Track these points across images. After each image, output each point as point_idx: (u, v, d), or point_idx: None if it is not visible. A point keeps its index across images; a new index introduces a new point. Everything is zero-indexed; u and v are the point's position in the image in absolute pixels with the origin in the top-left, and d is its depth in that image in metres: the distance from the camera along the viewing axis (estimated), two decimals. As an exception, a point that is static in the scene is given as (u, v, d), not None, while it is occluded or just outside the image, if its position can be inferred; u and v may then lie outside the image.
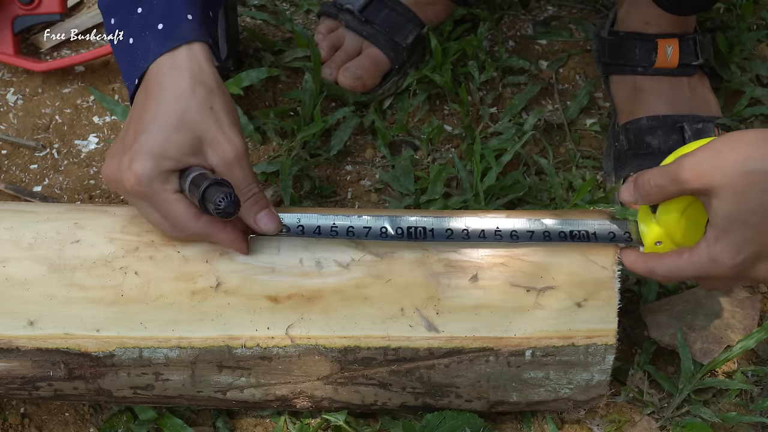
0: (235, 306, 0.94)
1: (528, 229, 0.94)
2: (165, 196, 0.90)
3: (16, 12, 1.35)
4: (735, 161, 0.81)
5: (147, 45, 0.92)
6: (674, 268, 0.89)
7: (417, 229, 0.94)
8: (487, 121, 1.31)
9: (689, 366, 1.07)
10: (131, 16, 0.94)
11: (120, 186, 0.91)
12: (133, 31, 0.94)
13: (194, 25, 0.93)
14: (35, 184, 1.28)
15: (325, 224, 0.94)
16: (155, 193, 0.89)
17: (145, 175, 0.88)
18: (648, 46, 1.25)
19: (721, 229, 0.84)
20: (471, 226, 0.94)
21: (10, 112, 1.34)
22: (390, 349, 0.94)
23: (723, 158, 0.82)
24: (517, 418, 1.07)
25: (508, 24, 1.43)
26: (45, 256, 0.95)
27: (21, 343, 0.93)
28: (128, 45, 0.94)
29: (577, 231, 0.94)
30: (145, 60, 0.92)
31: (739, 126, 1.29)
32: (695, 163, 0.83)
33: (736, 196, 0.82)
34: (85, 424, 1.07)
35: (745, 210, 0.82)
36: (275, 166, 1.25)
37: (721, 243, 0.85)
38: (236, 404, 1.01)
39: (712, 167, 0.82)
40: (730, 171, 0.81)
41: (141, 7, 0.94)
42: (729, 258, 0.85)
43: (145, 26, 0.93)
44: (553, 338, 0.94)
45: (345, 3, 1.34)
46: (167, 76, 0.90)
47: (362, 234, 0.94)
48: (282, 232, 0.93)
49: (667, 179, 0.86)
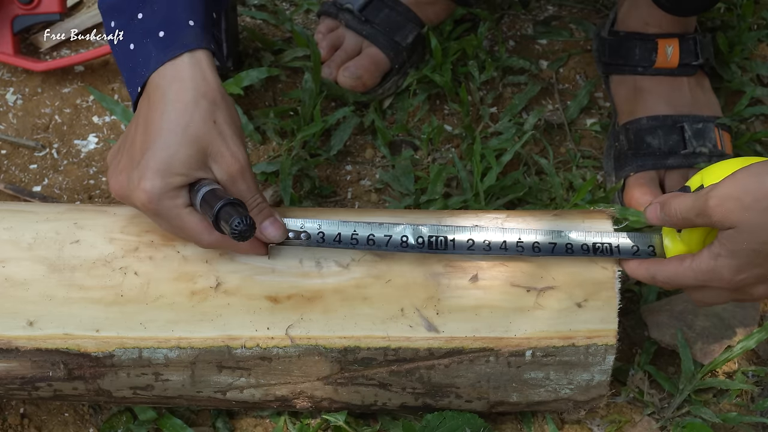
0: (235, 306, 0.94)
1: (550, 241, 0.94)
2: (176, 212, 0.90)
3: (16, 12, 1.35)
4: (760, 197, 0.82)
5: (148, 53, 0.92)
6: (674, 274, 0.90)
7: (438, 240, 0.94)
8: (487, 121, 1.31)
9: (689, 366, 1.07)
10: (132, 21, 0.94)
11: (131, 203, 0.92)
12: (134, 36, 0.94)
13: (196, 31, 0.92)
14: (35, 184, 1.27)
15: (345, 232, 0.94)
16: (167, 209, 0.90)
17: (155, 192, 0.89)
18: (648, 46, 1.25)
19: (728, 249, 0.86)
20: (492, 239, 0.94)
21: (9, 112, 1.34)
22: (390, 349, 0.94)
23: (748, 194, 0.83)
24: (517, 419, 1.07)
25: (508, 24, 1.43)
26: (45, 256, 0.95)
27: (21, 343, 0.93)
28: (129, 50, 0.94)
29: (600, 243, 0.94)
30: (147, 68, 0.91)
31: (740, 126, 1.29)
32: (720, 198, 0.84)
33: (755, 228, 0.83)
34: (85, 424, 1.07)
35: (760, 240, 0.83)
36: (275, 165, 1.25)
37: (725, 259, 0.86)
38: (236, 404, 1.00)
39: (737, 204, 0.83)
40: (754, 207, 0.82)
41: (141, 13, 0.93)
42: (730, 274, 0.87)
43: (146, 33, 0.93)
44: (553, 338, 0.94)
45: (345, 2, 1.34)
46: (170, 88, 0.90)
47: (383, 243, 0.94)
48: (301, 238, 0.93)
49: (693, 213, 0.87)
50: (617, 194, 1.22)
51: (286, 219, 0.94)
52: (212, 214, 0.86)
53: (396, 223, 0.95)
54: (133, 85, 0.93)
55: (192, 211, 0.90)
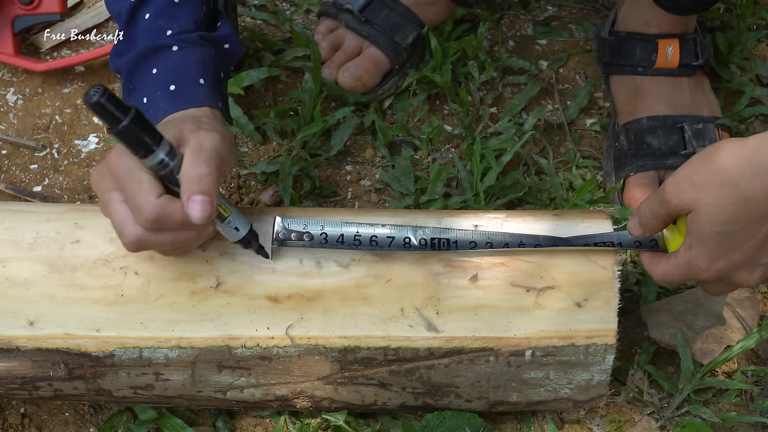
0: (235, 306, 0.94)
1: (552, 242, 0.94)
2: (135, 173, 0.85)
3: (16, 12, 1.35)
4: (710, 175, 0.82)
5: (158, 104, 0.94)
6: (664, 274, 0.91)
7: (441, 240, 0.94)
8: (487, 121, 1.31)
9: (689, 366, 1.07)
10: (146, 76, 0.96)
11: (101, 171, 0.87)
12: (147, 90, 0.96)
13: (206, 90, 0.94)
14: (35, 184, 1.28)
15: (348, 233, 0.94)
16: (127, 168, 0.85)
17: (122, 150, 0.85)
18: (648, 47, 1.25)
19: (695, 237, 0.86)
20: (494, 239, 0.94)
21: (10, 112, 1.34)
22: (390, 349, 0.94)
23: (699, 174, 0.83)
24: (517, 418, 1.07)
25: (508, 24, 1.43)
26: (45, 256, 0.95)
27: (21, 343, 0.93)
28: (142, 104, 0.96)
29: (602, 242, 0.94)
30: (155, 119, 0.93)
31: (739, 126, 1.29)
32: (675, 183, 0.85)
33: (712, 208, 0.83)
34: (85, 424, 1.07)
35: (721, 221, 0.83)
36: (275, 166, 1.25)
37: (695, 249, 0.87)
38: (236, 404, 1.01)
39: (689, 184, 0.84)
40: (706, 185, 0.82)
41: (156, 68, 0.95)
42: (706, 263, 0.87)
43: (158, 86, 0.94)
44: (553, 338, 0.94)
45: (345, 3, 1.34)
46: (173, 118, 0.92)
47: (385, 244, 0.94)
48: (304, 239, 0.93)
49: (657, 204, 0.88)
50: (617, 194, 1.22)
51: (289, 220, 0.94)
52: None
53: (399, 224, 0.95)
54: None
55: (148, 172, 0.85)
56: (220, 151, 0.87)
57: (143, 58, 0.97)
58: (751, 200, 0.80)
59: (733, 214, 0.82)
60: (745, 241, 0.84)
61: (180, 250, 0.92)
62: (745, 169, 0.80)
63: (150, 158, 0.84)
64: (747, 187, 0.80)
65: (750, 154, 0.80)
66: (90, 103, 0.79)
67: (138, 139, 0.83)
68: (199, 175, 0.84)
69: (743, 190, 0.80)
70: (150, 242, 0.87)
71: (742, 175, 0.80)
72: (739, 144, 0.81)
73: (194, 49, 0.97)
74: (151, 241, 0.87)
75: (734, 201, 0.81)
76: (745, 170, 0.80)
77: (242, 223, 0.91)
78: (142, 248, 0.89)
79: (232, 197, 1.25)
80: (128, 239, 0.87)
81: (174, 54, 0.97)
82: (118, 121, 0.81)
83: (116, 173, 0.86)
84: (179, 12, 0.99)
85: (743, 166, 0.80)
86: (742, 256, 0.85)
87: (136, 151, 0.84)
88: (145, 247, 0.88)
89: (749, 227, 0.82)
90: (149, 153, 0.84)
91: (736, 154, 0.81)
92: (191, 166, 0.85)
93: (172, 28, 0.97)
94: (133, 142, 0.83)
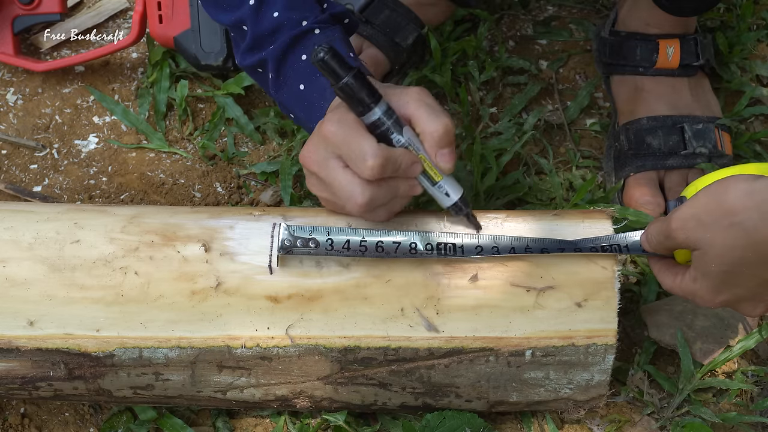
0: (235, 306, 0.94)
1: (558, 246, 0.94)
2: (353, 131, 0.90)
3: (16, 12, 1.35)
4: (719, 216, 0.82)
5: (321, 85, 0.97)
6: (670, 288, 0.92)
7: (447, 245, 0.94)
8: (487, 121, 1.31)
9: (689, 366, 1.07)
10: (296, 64, 1.00)
11: (315, 142, 0.92)
12: (303, 77, 1.00)
13: (357, 62, 0.98)
14: (35, 184, 1.28)
15: (354, 239, 0.94)
16: (345, 119, 0.90)
17: (334, 118, 0.90)
18: (649, 47, 1.25)
19: (700, 273, 0.86)
20: (501, 243, 0.94)
21: (10, 112, 1.34)
22: (390, 349, 0.94)
23: (708, 213, 0.83)
24: (517, 418, 1.07)
25: (508, 24, 1.43)
26: (45, 256, 0.95)
27: (21, 343, 0.93)
28: (299, 91, 0.99)
29: (609, 246, 0.94)
30: (320, 102, 0.97)
31: (739, 126, 1.29)
32: (682, 219, 0.85)
33: (719, 249, 0.83)
34: (85, 424, 1.07)
35: (727, 262, 0.83)
36: (275, 165, 1.25)
37: (700, 283, 0.87)
38: (236, 404, 1.00)
39: (697, 223, 0.84)
40: (714, 226, 0.82)
41: (305, 54, 0.99)
42: (710, 295, 0.88)
43: (314, 70, 0.98)
44: (553, 338, 0.94)
45: (345, 3, 1.34)
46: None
47: (391, 250, 0.94)
48: (309, 246, 0.93)
49: (663, 236, 0.88)
50: (617, 194, 1.22)
51: (294, 226, 0.94)
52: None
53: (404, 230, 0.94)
54: (315, 120, 0.96)
55: (366, 130, 0.90)
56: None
57: (289, 48, 0.99)
58: (760, 244, 0.81)
59: (740, 258, 0.82)
60: (750, 279, 0.84)
61: (394, 208, 0.94)
62: (754, 213, 0.80)
63: (368, 116, 0.90)
64: (756, 231, 0.80)
65: (759, 198, 0.80)
66: (316, 60, 0.87)
67: (358, 95, 0.89)
68: (445, 128, 0.91)
69: (751, 234, 0.80)
70: (377, 198, 0.91)
71: (750, 218, 0.80)
72: (747, 185, 0.81)
73: (334, 28, 1.00)
74: (377, 197, 0.91)
75: (742, 245, 0.81)
76: (754, 214, 0.80)
77: (454, 189, 0.95)
78: (371, 206, 0.92)
79: (232, 197, 1.25)
80: (361, 199, 0.90)
81: (318, 36, 0.99)
82: (340, 78, 0.88)
83: (333, 138, 0.90)
84: (305, 1, 1.01)
85: (752, 210, 0.80)
86: (746, 292, 0.86)
87: (354, 107, 0.90)
88: (373, 204, 0.91)
89: (756, 268, 0.83)
90: (367, 110, 0.90)
91: (746, 196, 0.81)
92: (429, 121, 0.91)
93: (307, 18, 1.00)
94: (353, 98, 0.89)
